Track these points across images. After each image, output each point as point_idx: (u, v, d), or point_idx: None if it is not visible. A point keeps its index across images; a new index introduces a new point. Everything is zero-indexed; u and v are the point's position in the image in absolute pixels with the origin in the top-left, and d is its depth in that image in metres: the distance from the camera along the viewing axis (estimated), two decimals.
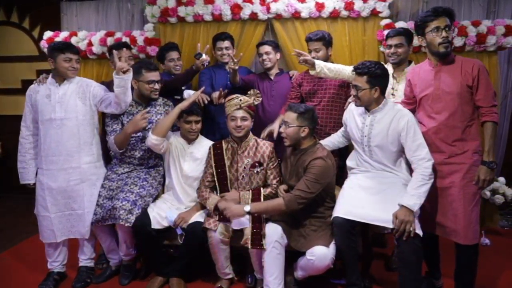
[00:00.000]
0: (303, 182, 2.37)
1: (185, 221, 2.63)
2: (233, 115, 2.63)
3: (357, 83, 2.41)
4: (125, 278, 2.77)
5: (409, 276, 2.20)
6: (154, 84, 2.72)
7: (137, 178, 2.75)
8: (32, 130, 2.71)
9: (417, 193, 2.22)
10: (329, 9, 3.56)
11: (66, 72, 2.61)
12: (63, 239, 2.72)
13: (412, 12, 3.73)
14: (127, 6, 4.09)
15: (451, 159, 2.29)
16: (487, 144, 2.22)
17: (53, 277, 2.74)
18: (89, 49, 3.88)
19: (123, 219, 2.51)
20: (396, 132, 2.36)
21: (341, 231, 2.29)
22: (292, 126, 2.48)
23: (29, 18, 4.47)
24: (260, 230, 2.42)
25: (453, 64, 2.29)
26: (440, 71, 2.31)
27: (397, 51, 2.82)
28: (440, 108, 2.30)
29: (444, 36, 2.22)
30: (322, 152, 2.46)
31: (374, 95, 2.38)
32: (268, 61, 3.32)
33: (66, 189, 2.65)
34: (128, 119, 2.74)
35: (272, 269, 2.38)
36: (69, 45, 2.67)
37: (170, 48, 3.40)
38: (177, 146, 2.82)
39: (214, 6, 3.68)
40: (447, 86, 2.27)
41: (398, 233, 2.17)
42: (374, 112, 2.43)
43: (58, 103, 2.61)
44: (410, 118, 2.35)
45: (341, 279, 2.63)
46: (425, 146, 2.30)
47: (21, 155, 2.73)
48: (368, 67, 2.36)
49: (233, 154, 2.70)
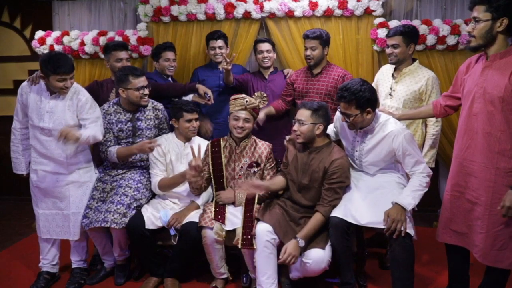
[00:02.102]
0: (332, 190, 2.37)
1: (179, 222, 2.62)
2: (236, 115, 2.63)
3: (346, 111, 2.28)
4: (120, 279, 2.75)
5: (401, 275, 2.20)
6: (143, 89, 2.68)
7: (131, 180, 2.73)
8: (24, 124, 2.67)
9: (413, 195, 2.22)
10: (323, 8, 3.55)
11: (59, 91, 2.52)
12: (49, 238, 2.70)
13: (405, 10, 3.72)
14: (119, 5, 4.05)
15: (482, 171, 2.01)
16: None
17: (43, 276, 2.72)
18: (81, 49, 3.84)
19: (117, 223, 2.50)
20: (390, 149, 2.33)
21: (337, 231, 2.28)
22: (306, 123, 2.41)
23: (20, 17, 4.41)
24: (250, 230, 2.42)
25: (508, 60, 1.92)
26: (489, 67, 1.97)
27: (393, 52, 2.75)
28: (478, 109, 2.00)
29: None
30: (340, 152, 2.45)
31: (367, 117, 2.30)
32: (268, 59, 3.31)
33: (54, 190, 2.63)
34: (118, 127, 2.73)
35: (265, 268, 2.37)
36: (64, 63, 2.44)
37: (167, 48, 3.37)
38: (173, 149, 2.79)
39: (207, 5, 3.66)
40: (491, 86, 1.94)
41: (389, 232, 2.16)
42: (367, 131, 2.40)
43: (48, 113, 2.54)
44: (404, 137, 2.26)
45: (335, 278, 2.63)
46: (422, 161, 2.30)
47: (14, 145, 2.71)
48: (354, 93, 2.21)
49: (231, 153, 2.69)
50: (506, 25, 1.87)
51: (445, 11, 3.64)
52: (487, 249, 2.02)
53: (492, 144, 1.96)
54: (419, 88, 2.73)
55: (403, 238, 2.16)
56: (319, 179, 2.43)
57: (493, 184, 1.98)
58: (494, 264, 2.03)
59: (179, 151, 2.79)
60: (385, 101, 2.87)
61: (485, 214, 2.00)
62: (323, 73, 3.09)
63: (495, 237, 1.99)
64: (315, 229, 2.34)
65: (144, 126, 2.77)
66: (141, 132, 2.76)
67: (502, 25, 1.87)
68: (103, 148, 2.75)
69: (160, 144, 2.69)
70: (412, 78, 2.77)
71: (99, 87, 3.11)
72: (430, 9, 3.68)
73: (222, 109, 3.40)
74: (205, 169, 2.71)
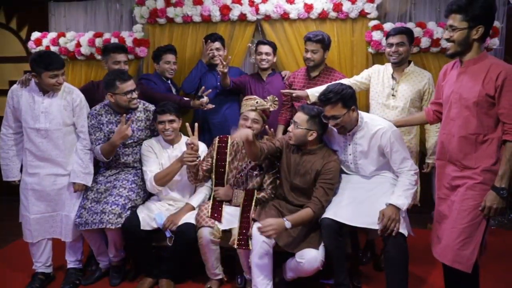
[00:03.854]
0: (322, 190, 2.38)
1: (174, 224, 2.61)
2: (245, 115, 2.68)
3: (333, 113, 2.31)
4: (115, 279, 2.75)
5: (395, 275, 2.22)
6: (131, 93, 2.68)
7: (126, 180, 2.73)
8: (14, 129, 2.65)
9: (405, 194, 2.26)
10: (318, 10, 3.57)
11: (52, 88, 2.53)
12: (42, 240, 2.69)
13: (400, 13, 3.75)
14: (115, 6, 4.06)
15: (461, 172, 2.04)
16: (502, 168, 1.90)
17: (38, 277, 2.72)
18: (77, 50, 3.84)
19: (112, 223, 2.50)
20: (379, 147, 2.37)
21: (329, 232, 2.30)
22: (300, 127, 2.42)
23: (16, 18, 4.41)
24: (247, 231, 2.43)
25: (481, 66, 1.96)
26: (463, 72, 2.02)
27: (399, 50, 2.75)
28: (455, 114, 2.03)
29: None
30: (333, 155, 2.48)
31: (353, 115, 2.35)
32: (266, 62, 3.33)
33: (50, 193, 2.63)
34: (108, 128, 2.73)
35: (260, 269, 2.38)
36: (54, 60, 2.48)
37: (168, 50, 3.40)
38: (161, 153, 2.77)
39: (203, 7, 3.67)
40: (465, 91, 1.98)
41: (384, 231, 2.19)
42: (355, 132, 2.43)
43: (43, 114, 2.55)
44: (391, 133, 2.33)
45: (330, 279, 2.64)
46: (409, 158, 2.35)
47: (4, 152, 2.66)
48: (338, 93, 2.28)
49: (237, 152, 2.73)
50: (482, 33, 1.93)
51: (439, 13, 3.65)
52: (449, 245, 2.01)
53: (467, 147, 2.00)
54: (423, 86, 2.78)
55: (397, 238, 2.19)
56: (311, 181, 2.46)
57: (467, 181, 2.00)
58: (452, 263, 2.01)
59: (168, 154, 2.79)
60: (388, 101, 2.86)
61: (455, 209, 2.01)
62: (321, 76, 3.12)
63: (459, 233, 1.98)
64: (303, 220, 2.33)
65: (135, 128, 2.78)
66: (132, 133, 2.77)
67: (478, 33, 1.93)
68: (92, 147, 2.74)
69: (131, 118, 2.72)
70: (415, 77, 2.81)
71: (95, 88, 3.12)
72: (424, 11, 3.71)
73: (218, 110, 3.41)
74: (209, 160, 2.74)
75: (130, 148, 2.81)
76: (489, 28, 1.96)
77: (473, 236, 1.97)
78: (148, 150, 2.77)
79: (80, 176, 2.63)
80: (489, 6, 1.91)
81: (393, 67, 2.87)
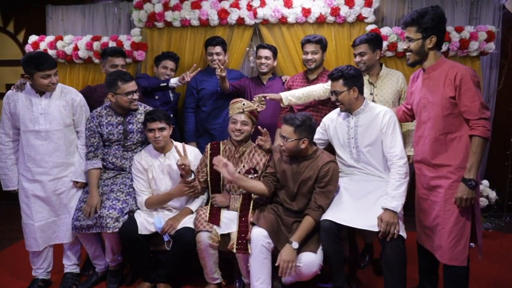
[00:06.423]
0: (322, 194, 2.40)
1: (173, 228, 2.61)
2: (234, 118, 2.67)
3: (335, 88, 2.49)
4: (112, 284, 2.74)
5: (393, 277, 2.23)
6: (132, 94, 2.68)
7: (123, 185, 2.72)
8: (12, 136, 2.63)
9: (397, 194, 2.28)
10: (316, 15, 3.59)
11: (47, 88, 2.53)
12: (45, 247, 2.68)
13: (397, 17, 3.78)
14: (113, 10, 4.07)
15: (437, 172, 2.20)
16: (470, 161, 2.06)
17: (37, 284, 2.71)
18: (75, 54, 3.84)
19: (110, 228, 2.49)
20: (379, 128, 2.43)
21: (328, 235, 2.30)
22: (291, 140, 2.42)
23: (14, 22, 4.40)
24: (245, 235, 2.43)
25: (441, 71, 2.15)
26: (427, 78, 2.21)
27: (362, 59, 2.87)
28: (425, 117, 2.22)
29: None
30: (329, 156, 2.50)
31: (353, 96, 2.46)
32: (265, 66, 3.34)
33: (52, 198, 2.62)
34: (108, 129, 2.72)
35: (259, 273, 2.38)
36: (45, 60, 2.46)
37: (168, 57, 3.44)
38: (154, 162, 2.73)
39: (201, 11, 3.68)
40: (431, 95, 2.17)
41: (383, 235, 2.20)
42: (357, 114, 2.50)
43: (42, 115, 2.55)
44: (393, 115, 2.46)
45: (328, 284, 2.64)
46: (401, 144, 2.40)
47: (2, 161, 2.65)
48: (341, 71, 2.46)
49: (230, 157, 2.71)
50: (435, 42, 2.14)
51: None
52: (443, 246, 2.16)
53: (438, 147, 2.17)
54: (400, 86, 2.92)
55: (396, 241, 2.20)
56: (310, 187, 2.46)
57: (447, 182, 2.15)
58: (449, 261, 2.15)
59: (160, 162, 2.74)
60: None
61: (441, 211, 2.17)
62: (319, 79, 3.12)
63: (449, 234, 2.13)
64: (307, 231, 2.36)
65: (135, 129, 2.78)
66: (132, 135, 2.76)
67: (431, 42, 2.15)
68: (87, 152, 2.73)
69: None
70: (390, 79, 2.94)
71: (92, 92, 3.11)
72: None
73: (219, 115, 3.43)
74: (203, 170, 2.73)
75: (130, 152, 2.80)
76: (442, 37, 2.19)
77: (462, 233, 2.13)
78: (137, 167, 2.73)
79: (82, 175, 2.71)
80: (438, 17, 2.12)
81: (365, 74, 2.93)
